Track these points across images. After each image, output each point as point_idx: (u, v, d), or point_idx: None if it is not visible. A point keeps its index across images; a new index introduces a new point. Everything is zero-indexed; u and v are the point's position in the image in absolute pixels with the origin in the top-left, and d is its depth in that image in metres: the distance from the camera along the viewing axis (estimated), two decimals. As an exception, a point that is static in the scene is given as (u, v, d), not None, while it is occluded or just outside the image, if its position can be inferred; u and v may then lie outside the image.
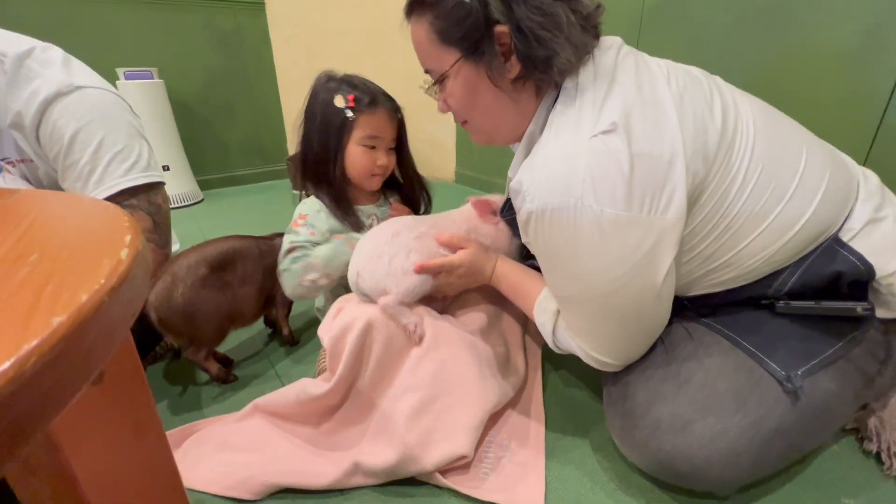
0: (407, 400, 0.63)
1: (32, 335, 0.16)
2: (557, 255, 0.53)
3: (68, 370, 0.18)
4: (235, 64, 2.11)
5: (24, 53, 0.74)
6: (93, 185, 0.75)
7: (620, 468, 0.64)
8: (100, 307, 0.20)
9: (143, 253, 0.26)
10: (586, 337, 0.58)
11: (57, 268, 0.23)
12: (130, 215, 0.30)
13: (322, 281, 0.74)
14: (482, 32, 0.51)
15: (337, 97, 0.74)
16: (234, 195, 2.13)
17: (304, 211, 0.78)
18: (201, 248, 0.80)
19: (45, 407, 0.16)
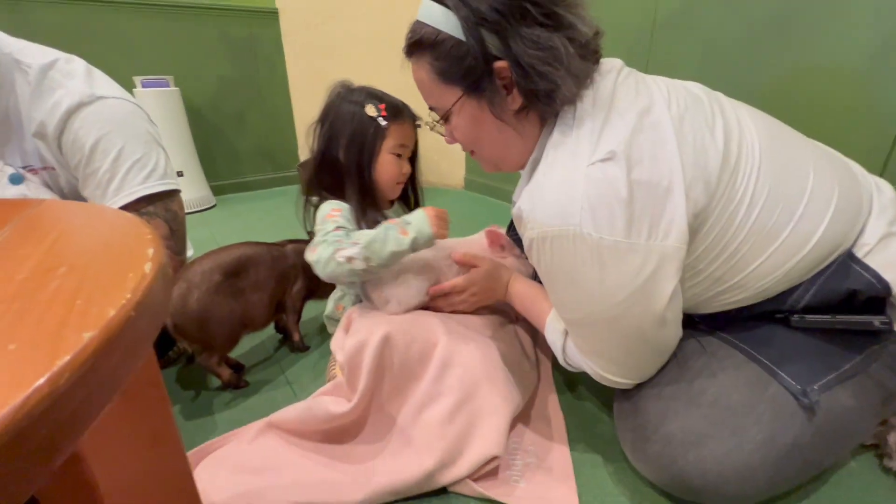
0: (436, 407, 0.64)
1: (65, 351, 0.17)
2: (559, 280, 0.53)
3: (98, 384, 0.18)
4: (248, 72, 2.14)
5: (47, 65, 0.76)
6: (112, 192, 0.77)
7: (633, 481, 0.63)
8: (126, 322, 0.20)
9: (165, 266, 0.27)
10: (594, 358, 0.58)
11: (85, 282, 0.23)
12: (149, 224, 0.31)
13: (358, 264, 0.67)
14: (482, 69, 0.52)
15: (368, 106, 0.75)
16: (245, 200, 2.15)
17: (336, 206, 0.75)
18: (215, 255, 0.82)
19: (76, 421, 0.17)
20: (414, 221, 0.70)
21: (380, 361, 0.65)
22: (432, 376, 0.65)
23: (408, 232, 0.69)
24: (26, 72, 0.75)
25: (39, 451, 0.15)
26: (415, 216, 0.71)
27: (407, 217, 0.72)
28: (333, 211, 0.74)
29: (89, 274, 0.24)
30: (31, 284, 0.23)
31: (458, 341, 0.68)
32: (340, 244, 0.68)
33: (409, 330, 0.67)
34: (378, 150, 0.76)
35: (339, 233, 0.70)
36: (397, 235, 0.68)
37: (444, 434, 0.62)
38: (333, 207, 0.75)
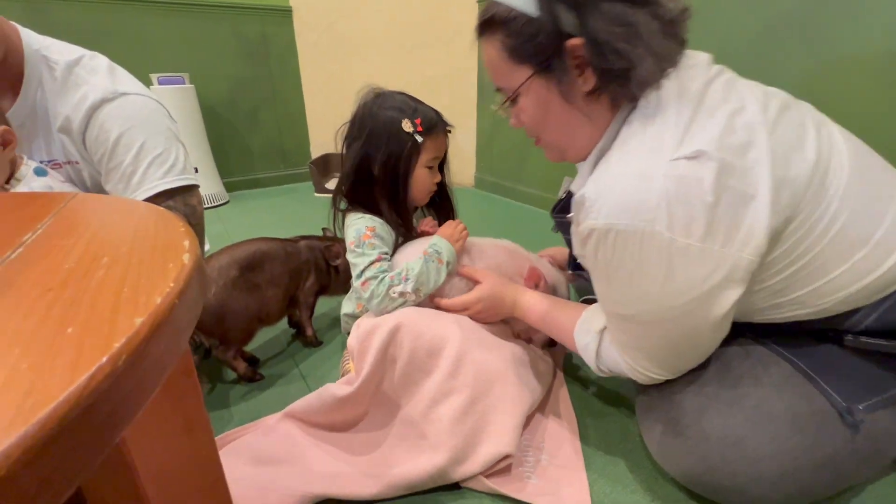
0: (449, 403, 0.65)
1: (121, 334, 0.18)
2: (615, 275, 0.51)
3: (149, 368, 0.19)
4: (262, 70, 2.16)
5: (73, 62, 0.78)
6: (134, 186, 0.79)
7: (647, 475, 0.64)
8: (172, 309, 0.21)
9: (200, 258, 0.28)
10: (635, 353, 0.57)
11: (129, 271, 0.24)
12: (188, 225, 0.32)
13: (410, 297, 0.72)
14: (553, 47, 0.49)
15: (405, 122, 0.74)
16: (257, 197, 2.18)
17: (370, 224, 0.78)
18: (231, 250, 0.83)
19: (132, 401, 0.18)
20: (443, 249, 0.75)
21: (389, 347, 0.66)
22: (445, 372, 0.66)
23: (442, 260, 0.75)
24: (53, 68, 0.77)
25: (103, 427, 0.16)
26: (442, 245, 0.76)
27: (435, 243, 0.76)
28: (367, 230, 0.77)
29: (132, 264, 0.25)
30: (78, 273, 0.24)
31: (471, 339, 0.69)
32: (393, 281, 0.72)
33: (420, 323, 0.68)
34: (413, 167, 0.77)
35: (382, 265, 0.74)
36: (437, 266, 0.74)
37: (456, 430, 0.63)
38: (367, 225, 0.77)
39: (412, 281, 0.72)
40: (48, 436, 0.14)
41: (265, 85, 2.20)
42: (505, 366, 0.69)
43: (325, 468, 0.64)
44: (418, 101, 0.79)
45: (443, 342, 0.67)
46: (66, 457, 0.14)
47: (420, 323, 0.68)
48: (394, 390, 0.68)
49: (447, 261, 0.75)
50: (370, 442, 0.68)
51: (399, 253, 0.79)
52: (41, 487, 0.14)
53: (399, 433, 0.67)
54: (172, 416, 0.30)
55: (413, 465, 0.61)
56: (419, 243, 0.79)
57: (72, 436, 0.15)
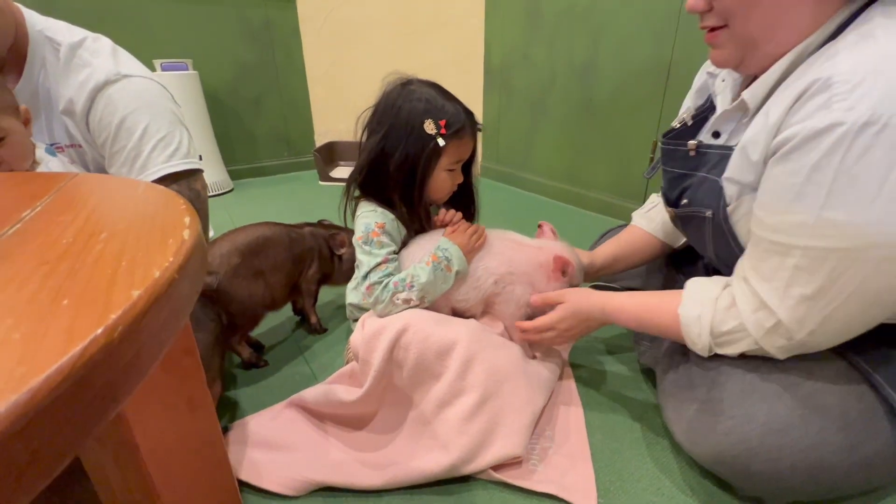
0: (459, 404, 0.64)
1: (117, 306, 0.17)
2: (849, 189, 0.40)
3: (147, 342, 0.18)
4: (266, 56, 2.14)
5: (76, 43, 0.77)
6: (137, 169, 0.78)
7: (651, 467, 0.63)
8: (171, 284, 0.20)
9: (200, 235, 0.27)
10: (801, 307, 0.47)
11: (127, 246, 0.24)
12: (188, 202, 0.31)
13: (415, 303, 0.70)
14: None
15: (427, 122, 0.69)
16: (262, 185, 2.17)
17: (380, 220, 0.74)
18: (233, 236, 0.82)
19: (129, 375, 0.17)
20: (454, 257, 0.71)
21: (395, 350, 0.65)
22: (455, 373, 0.65)
23: (451, 268, 0.71)
24: (56, 49, 0.76)
25: (97, 400, 0.15)
26: (453, 252, 0.71)
27: (444, 247, 0.71)
28: (377, 227, 0.73)
29: (130, 239, 0.25)
30: (76, 247, 0.24)
31: (480, 340, 0.68)
32: (397, 288, 0.69)
33: (427, 324, 0.67)
34: (432, 170, 0.72)
35: (388, 267, 0.71)
36: (445, 274, 0.70)
37: (466, 430, 0.62)
38: (377, 221, 0.73)
39: (417, 290, 0.69)
40: (39, 406, 0.13)
41: (269, 71, 2.18)
42: (515, 366, 0.68)
43: (331, 456, 0.64)
44: (448, 98, 0.72)
45: (451, 343, 0.66)
46: (58, 428, 0.14)
47: (427, 325, 0.67)
48: (404, 390, 0.68)
49: (457, 269, 0.71)
50: (379, 438, 0.67)
51: (407, 249, 0.76)
52: (32, 459, 0.13)
53: (410, 431, 0.66)
54: (175, 395, 0.29)
55: (421, 461, 0.61)
56: (430, 239, 0.75)
57: (64, 407, 0.14)
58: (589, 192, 1.72)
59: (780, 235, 0.46)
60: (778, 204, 0.46)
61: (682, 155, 0.63)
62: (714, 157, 0.58)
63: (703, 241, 0.62)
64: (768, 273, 0.48)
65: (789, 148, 0.43)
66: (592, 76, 1.59)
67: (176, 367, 0.29)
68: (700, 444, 0.56)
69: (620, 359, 0.87)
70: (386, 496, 0.60)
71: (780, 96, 0.47)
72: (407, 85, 0.73)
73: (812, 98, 0.41)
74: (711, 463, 0.56)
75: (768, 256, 0.48)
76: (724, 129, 0.58)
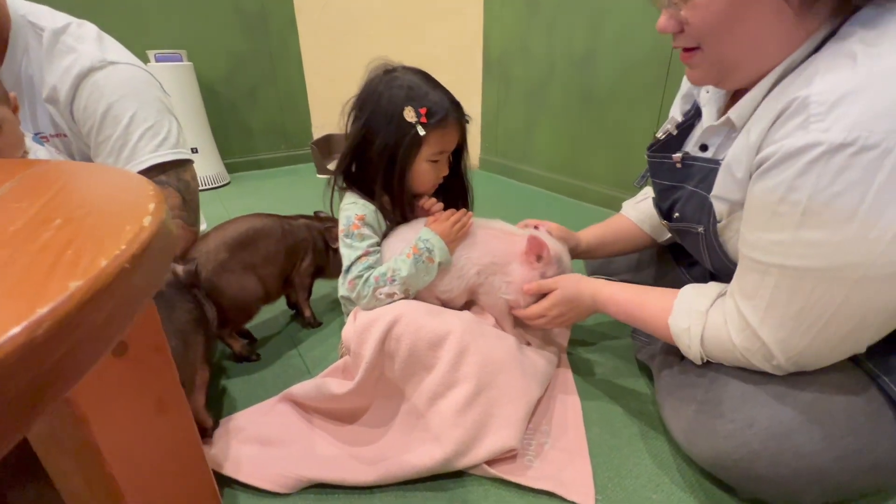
0: (452, 396, 0.62)
1: (47, 300, 0.15)
2: (825, 211, 0.39)
3: (85, 337, 0.16)
4: (261, 47, 2.11)
5: (60, 29, 0.75)
6: (124, 160, 0.76)
7: (649, 464, 0.62)
8: (119, 273, 0.19)
9: (166, 223, 0.25)
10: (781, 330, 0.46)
11: (80, 233, 0.22)
12: (158, 188, 0.29)
13: (398, 297, 0.69)
14: None
15: (407, 110, 0.66)
16: (259, 178, 2.15)
17: (360, 212, 0.72)
18: (222, 231, 0.79)
19: (59, 375, 0.15)
20: (435, 247, 0.69)
21: (387, 341, 0.64)
22: (448, 364, 0.63)
23: (433, 259, 0.69)
24: (39, 35, 0.74)
25: (17, 401, 0.14)
26: (434, 243, 0.69)
27: (426, 238, 0.69)
28: (357, 219, 0.71)
29: (85, 226, 0.23)
30: (22, 235, 0.22)
31: (473, 331, 0.66)
32: (378, 282, 0.68)
33: (420, 315, 0.66)
34: (412, 161, 0.70)
35: (368, 259, 0.70)
36: (427, 265, 0.68)
37: (460, 422, 0.61)
38: (357, 214, 0.72)
39: (399, 284, 0.68)
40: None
41: (265, 63, 2.14)
42: (509, 357, 0.67)
43: (322, 452, 0.63)
44: (433, 85, 0.70)
45: (444, 334, 0.64)
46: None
47: (419, 316, 0.66)
48: (396, 383, 0.66)
49: (439, 260, 0.69)
50: (371, 432, 0.66)
51: (388, 239, 0.74)
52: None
53: (402, 424, 0.65)
54: (142, 394, 0.28)
55: (414, 455, 0.60)
56: (412, 229, 0.73)
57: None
58: (588, 185, 1.69)
59: (758, 253, 0.46)
60: (756, 221, 0.46)
61: (668, 167, 0.61)
62: (701, 171, 0.56)
63: (700, 254, 0.61)
64: (750, 291, 0.48)
65: (767, 166, 0.42)
66: (592, 67, 1.56)
67: (143, 364, 0.27)
68: (699, 445, 0.55)
69: (619, 352, 0.85)
70: (378, 492, 0.58)
71: (760, 114, 0.46)
72: (391, 72, 0.70)
73: (790, 118, 0.40)
74: (711, 466, 0.55)
75: (749, 274, 0.48)
76: (712, 143, 0.56)
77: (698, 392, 0.56)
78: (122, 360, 0.25)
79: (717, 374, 0.55)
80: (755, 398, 0.51)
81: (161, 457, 0.29)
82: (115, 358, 0.25)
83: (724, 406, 0.52)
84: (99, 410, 0.25)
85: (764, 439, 0.49)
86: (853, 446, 0.47)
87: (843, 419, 0.48)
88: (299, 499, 0.58)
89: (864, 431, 0.47)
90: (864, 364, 0.50)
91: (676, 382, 0.60)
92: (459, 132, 0.73)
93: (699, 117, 0.63)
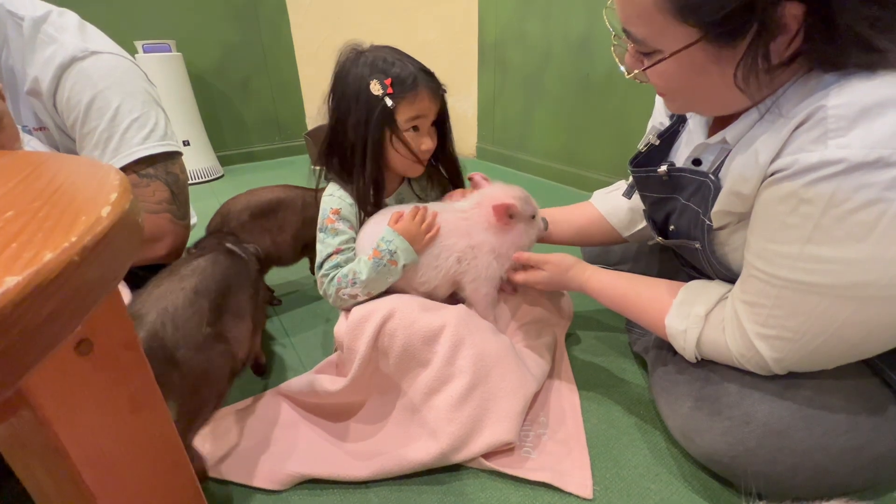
0: (447, 390, 0.61)
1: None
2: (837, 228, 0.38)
3: (24, 335, 0.15)
4: (252, 36, 2.07)
5: (40, 18, 0.72)
6: (110, 153, 0.74)
7: (647, 456, 0.61)
8: (66, 267, 0.17)
9: (129, 213, 0.24)
10: (781, 341, 0.45)
11: (30, 225, 0.20)
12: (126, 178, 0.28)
13: (362, 298, 0.68)
14: (756, 16, 0.37)
15: (373, 83, 0.65)
16: (253, 171, 2.12)
17: (335, 205, 0.71)
18: (249, 195, 0.89)
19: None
20: (399, 249, 0.66)
21: (380, 337, 0.63)
22: (443, 358, 0.62)
23: (397, 262, 0.66)
24: (19, 24, 0.71)
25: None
26: (397, 245, 0.66)
27: (388, 239, 0.66)
28: (332, 213, 0.71)
29: (38, 218, 0.21)
30: (-32, 228, 0.20)
31: (468, 324, 0.65)
32: (340, 283, 0.67)
33: (413, 310, 0.64)
34: (386, 134, 0.68)
35: (338, 258, 0.69)
36: (389, 267, 0.66)
37: (455, 417, 0.60)
38: (332, 207, 0.71)
39: (360, 286, 0.67)
40: None
41: (256, 52, 2.10)
42: (505, 350, 0.66)
43: (316, 448, 0.62)
44: (400, 57, 0.68)
45: (438, 329, 0.63)
46: None
47: (413, 311, 0.64)
48: (391, 378, 0.65)
49: (403, 263, 0.66)
50: (366, 427, 0.65)
51: (363, 230, 0.72)
52: None
53: (398, 420, 0.64)
54: (112, 395, 0.26)
55: (410, 450, 0.59)
56: (383, 219, 0.70)
57: None
58: (588, 173, 1.67)
59: (762, 262, 0.45)
60: (763, 230, 0.45)
61: (655, 180, 0.59)
62: (692, 183, 0.54)
63: (701, 265, 0.58)
64: (751, 298, 0.47)
65: (781, 177, 0.41)
66: (590, 51, 1.52)
67: (112, 363, 0.26)
68: (696, 442, 0.54)
69: (616, 342, 0.84)
70: (374, 487, 0.58)
71: (765, 137, 0.43)
72: (356, 50, 0.69)
73: (808, 131, 0.39)
74: (708, 462, 0.54)
75: (752, 281, 0.46)
76: (706, 158, 0.54)
77: (694, 388, 0.55)
78: (88, 359, 0.24)
79: (712, 369, 0.54)
80: (752, 394, 0.50)
81: (137, 457, 0.28)
82: (80, 357, 0.24)
83: (720, 402, 0.51)
84: (63, 412, 0.23)
85: (761, 436, 0.48)
86: (853, 443, 0.46)
87: (844, 415, 0.47)
88: (292, 494, 0.57)
89: (865, 427, 0.46)
90: (869, 357, 0.49)
91: (671, 378, 0.59)
92: (436, 101, 0.70)
93: (683, 122, 0.61)
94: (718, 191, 0.49)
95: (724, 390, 0.52)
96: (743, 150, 0.46)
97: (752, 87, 0.42)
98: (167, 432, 0.30)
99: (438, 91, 0.70)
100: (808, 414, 0.47)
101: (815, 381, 0.48)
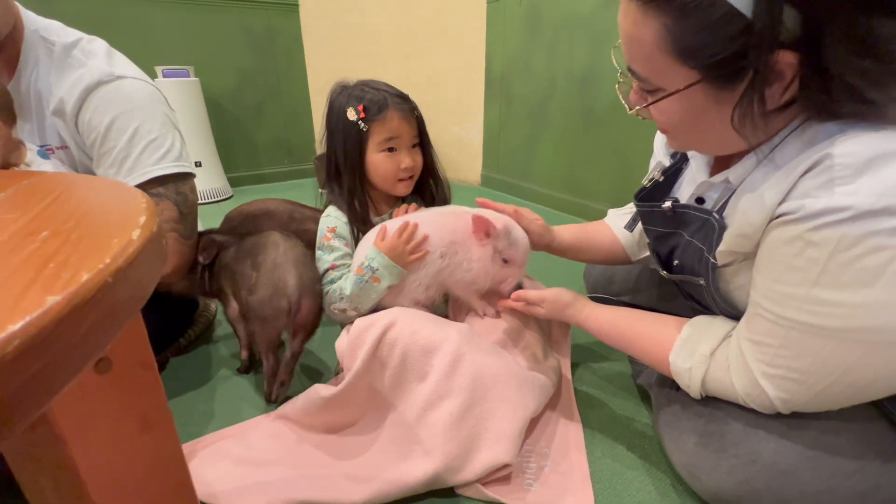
0: (445, 407, 0.61)
1: (20, 315, 0.15)
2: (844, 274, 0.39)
3: (62, 353, 0.16)
4: (268, 64, 2.15)
5: (71, 44, 0.76)
6: (125, 171, 0.77)
7: (651, 491, 0.60)
8: (101, 288, 0.18)
9: (156, 235, 0.25)
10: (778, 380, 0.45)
11: (65, 246, 0.21)
12: (152, 200, 0.29)
13: (351, 313, 0.72)
14: (752, 61, 0.38)
15: (349, 110, 0.73)
16: (262, 192, 2.16)
17: (332, 224, 0.77)
18: (249, 205, 0.94)
19: (32, 392, 0.15)
20: (381, 267, 0.69)
21: (380, 346, 0.63)
22: (441, 372, 0.62)
23: (380, 279, 0.69)
24: (50, 49, 0.75)
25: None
26: (379, 262, 0.69)
27: (371, 257, 0.69)
28: (328, 231, 0.76)
29: (72, 239, 0.22)
30: (6, 247, 0.21)
31: (469, 341, 0.65)
32: (331, 298, 0.72)
33: (416, 321, 0.65)
34: (363, 156, 0.75)
35: (332, 274, 0.74)
36: (372, 284, 0.70)
37: (451, 435, 0.59)
38: (328, 226, 0.77)
39: (346, 301, 0.71)
40: None
41: (271, 79, 2.18)
42: (505, 369, 0.65)
43: (312, 471, 0.61)
44: (376, 86, 0.75)
45: (440, 341, 0.63)
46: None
47: (416, 321, 0.65)
48: (388, 392, 0.65)
49: (387, 283, 0.69)
50: (362, 445, 0.64)
51: (359, 246, 0.77)
52: None
53: (392, 436, 0.63)
54: (126, 413, 0.27)
55: (405, 471, 0.58)
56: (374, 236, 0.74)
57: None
58: (590, 202, 1.69)
59: (770, 303, 0.45)
60: (769, 270, 0.45)
61: (660, 214, 0.61)
62: (695, 220, 0.55)
63: (706, 301, 0.59)
64: (758, 337, 0.46)
65: (788, 219, 0.41)
66: (592, 85, 1.57)
67: (129, 382, 0.27)
68: (701, 480, 0.53)
69: (621, 374, 0.84)
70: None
71: (774, 177, 0.44)
72: (342, 86, 0.77)
73: (814, 177, 0.39)
74: (713, 500, 0.53)
75: (759, 320, 0.46)
76: (709, 197, 0.55)
77: (699, 423, 0.54)
78: (106, 378, 0.25)
79: (717, 406, 0.53)
80: (757, 432, 0.49)
81: (144, 476, 0.28)
82: (98, 375, 0.24)
83: (726, 439, 0.50)
84: (78, 429, 0.24)
85: (768, 477, 0.47)
86: (862, 486, 0.45)
87: (851, 457, 0.46)
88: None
89: (874, 470, 0.45)
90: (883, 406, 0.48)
91: (676, 413, 0.58)
92: (409, 122, 0.75)
93: (686, 161, 0.62)
94: (723, 230, 0.50)
95: (728, 427, 0.51)
96: (747, 191, 0.47)
97: (748, 130, 0.43)
98: (174, 453, 0.31)
99: (412, 112, 0.76)
100: (814, 454, 0.46)
101: (821, 422, 0.48)
